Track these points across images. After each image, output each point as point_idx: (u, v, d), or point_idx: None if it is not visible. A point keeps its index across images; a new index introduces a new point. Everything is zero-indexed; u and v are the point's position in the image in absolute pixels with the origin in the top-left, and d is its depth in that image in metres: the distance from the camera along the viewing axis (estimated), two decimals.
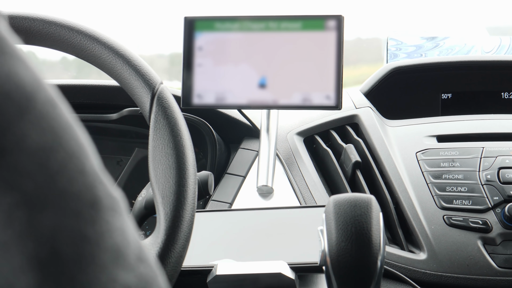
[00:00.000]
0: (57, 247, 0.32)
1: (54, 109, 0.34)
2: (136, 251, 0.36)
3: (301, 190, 1.11)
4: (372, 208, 0.70)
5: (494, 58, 1.34)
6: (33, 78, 0.34)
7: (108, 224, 0.34)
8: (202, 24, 1.13)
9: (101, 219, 0.34)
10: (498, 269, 0.98)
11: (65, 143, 0.34)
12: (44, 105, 0.34)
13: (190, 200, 0.69)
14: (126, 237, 0.35)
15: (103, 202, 0.35)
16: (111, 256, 0.34)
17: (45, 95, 0.34)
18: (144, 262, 0.36)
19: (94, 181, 0.35)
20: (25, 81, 0.33)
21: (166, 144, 0.71)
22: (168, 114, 0.74)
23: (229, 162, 1.20)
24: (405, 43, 1.59)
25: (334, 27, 1.09)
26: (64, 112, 0.35)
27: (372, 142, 1.14)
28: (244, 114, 1.21)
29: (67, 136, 0.34)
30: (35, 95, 0.33)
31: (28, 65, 0.34)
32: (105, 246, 0.34)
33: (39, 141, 0.33)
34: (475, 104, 1.32)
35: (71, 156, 0.34)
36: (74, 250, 0.33)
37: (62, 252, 0.32)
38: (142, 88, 0.76)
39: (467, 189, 1.03)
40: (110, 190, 0.36)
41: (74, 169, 0.34)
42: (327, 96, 1.10)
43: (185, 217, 0.68)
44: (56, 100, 0.35)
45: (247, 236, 0.94)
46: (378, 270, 0.69)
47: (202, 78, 1.12)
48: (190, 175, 0.70)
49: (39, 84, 0.34)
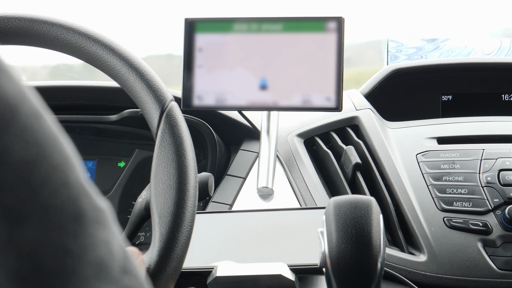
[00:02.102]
0: (38, 262, 0.32)
1: (39, 121, 0.34)
2: (121, 262, 0.35)
3: (301, 192, 1.11)
4: (372, 210, 0.70)
5: (494, 60, 1.34)
6: (17, 90, 0.33)
7: (91, 237, 0.34)
8: (202, 25, 1.13)
9: (84, 232, 0.34)
10: (498, 271, 0.98)
11: (49, 156, 0.33)
12: (28, 117, 0.33)
13: (187, 222, 0.69)
14: (110, 249, 0.35)
15: (87, 215, 0.34)
16: (94, 270, 0.33)
17: (29, 107, 0.33)
18: (128, 274, 0.36)
19: (78, 193, 0.34)
20: (9, 93, 0.33)
21: (170, 163, 0.71)
22: (174, 133, 0.73)
23: (229, 163, 1.20)
24: (405, 45, 1.59)
25: (334, 29, 1.09)
26: (48, 123, 0.34)
27: (373, 143, 1.14)
28: (244, 115, 1.21)
29: (51, 149, 0.34)
30: (19, 107, 0.33)
31: (12, 77, 0.33)
32: (87, 260, 0.33)
33: (23, 154, 0.32)
34: (475, 106, 1.32)
35: (55, 168, 0.33)
36: (56, 264, 0.32)
37: (44, 266, 0.32)
38: (152, 104, 0.75)
39: (468, 191, 1.03)
40: (95, 201, 0.35)
41: (58, 182, 0.33)
42: (328, 98, 1.10)
43: (180, 240, 0.68)
44: (41, 111, 0.34)
45: (247, 238, 0.93)
46: (378, 272, 0.69)
47: (202, 79, 1.12)
48: (190, 197, 0.70)
49: (23, 96, 0.33)
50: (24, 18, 0.78)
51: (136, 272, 0.37)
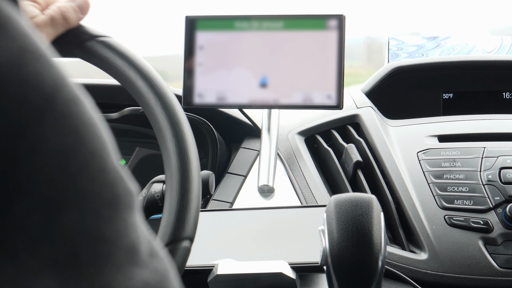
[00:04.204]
0: (76, 249, 0.32)
1: (77, 107, 0.33)
2: (148, 246, 0.36)
3: (302, 190, 1.11)
4: (373, 208, 0.70)
5: (495, 58, 1.34)
6: (55, 77, 0.33)
7: (124, 222, 0.34)
8: (203, 23, 1.13)
9: (118, 217, 0.34)
10: (499, 269, 0.98)
11: (87, 142, 0.33)
12: (66, 104, 0.33)
13: (194, 192, 0.68)
14: (138, 234, 0.35)
15: (121, 200, 0.34)
16: (126, 254, 0.34)
17: (67, 93, 0.33)
18: (156, 256, 0.36)
19: (114, 178, 0.34)
20: (46, 81, 0.32)
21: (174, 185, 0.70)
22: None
23: (230, 161, 1.20)
24: (406, 42, 1.59)
25: (335, 27, 1.09)
26: (87, 109, 0.34)
27: (373, 141, 1.14)
28: (245, 113, 1.21)
29: (89, 135, 0.34)
30: (56, 95, 0.32)
31: (50, 63, 0.33)
32: (121, 245, 0.34)
33: (59, 143, 0.32)
34: (476, 104, 1.32)
35: (93, 155, 0.33)
36: (93, 250, 0.33)
37: (81, 253, 0.32)
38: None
39: (468, 189, 1.03)
40: (128, 185, 0.35)
41: (96, 168, 0.33)
42: (328, 96, 1.10)
43: (191, 208, 0.68)
44: (79, 96, 0.34)
45: (248, 236, 0.93)
46: (379, 270, 0.69)
47: (203, 77, 1.12)
48: (194, 178, 0.69)
49: (61, 82, 0.33)
50: None
51: (162, 254, 0.37)
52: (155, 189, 0.86)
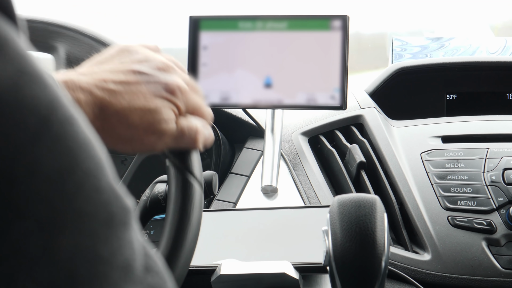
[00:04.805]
0: (73, 270, 0.32)
1: (72, 127, 0.33)
2: (143, 261, 0.36)
3: (305, 190, 1.11)
4: (377, 208, 0.70)
5: (499, 59, 1.34)
6: (51, 98, 0.33)
7: (119, 240, 0.34)
8: (207, 23, 1.13)
9: (113, 236, 0.34)
10: (502, 270, 0.98)
11: (81, 163, 0.33)
12: (61, 124, 0.33)
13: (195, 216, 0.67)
14: (134, 250, 0.35)
15: (116, 218, 0.34)
16: (121, 272, 0.34)
17: (62, 114, 0.33)
18: (151, 272, 0.36)
19: (109, 197, 0.34)
20: (42, 103, 0.32)
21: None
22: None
23: (234, 161, 1.20)
24: (410, 43, 1.59)
25: (339, 27, 1.09)
26: (81, 128, 0.34)
27: (377, 142, 1.14)
28: (248, 113, 1.21)
29: (83, 155, 0.34)
30: (51, 116, 0.32)
31: (46, 84, 0.33)
32: (116, 264, 0.34)
33: (55, 164, 0.32)
34: (480, 105, 1.32)
35: (88, 175, 0.33)
36: (89, 271, 0.33)
37: (78, 274, 0.32)
38: None
39: (472, 190, 1.03)
40: (124, 202, 0.35)
41: (90, 188, 0.33)
42: (332, 96, 1.10)
43: (189, 229, 0.67)
44: (74, 116, 0.34)
45: (251, 236, 0.94)
46: (382, 270, 0.69)
47: (207, 77, 1.12)
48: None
49: (56, 103, 0.33)
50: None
51: (158, 268, 0.37)
52: (159, 189, 0.86)
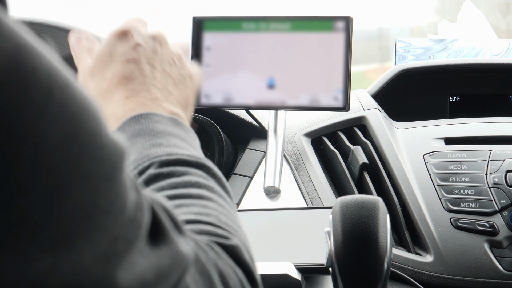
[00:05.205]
0: (72, 226, 0.33)
1: (71, 91, 0.34)
2: (134, 198, 0.38)
3: (308, 191, 1.11)
4: (379, 210, 0.70)
5: (502, 61, 1.34)
6: (49, 66, 0.33)
7: (116, 188, 0.36)
8: (210, 24, 1.13)
9: (112, 186, 0.35)
10: (504, 272, 0.97)
11: (84, 124, 0.34)
12: (62, 92, 0.33)
13: None
14: (126, 191, 0.37)
15: (115, 167, 0.36)
16: (115, 217, 0.35)
17: (60, 79, 0.33)
18: (140, 210, 0.38)
19: (109, 149, 0.35)
20: (42, 74, 0.32)
21: None
22: None
23: (236, 162, 1.20)
24: (413, 45, 1.59)
25: (342, 28, 1.09)
26: (79, 89, 0.35)
27: (380, 144, 1.14)
28: (251, 114, 1.21)
29: (85, 116, 0.34)
30: (52, 85, 0.33)
31: (41, 52, 0.33)
32: (112, 211, 0.35)
33: (60, 132, 0.32)
34: (483, 107, 1.31)
35: (91, 135, 0.34)
36: (86, 224, 0.34)
37: (76, 229, 0.33)
38: None
39: (475, 192, 1.03)
40: (120, 146, 0.37)
41: (94, 147, 0.34)
42: (335, 98, 1.10)
43: None
44: (70, 79, 0.34)
45: (254, 237, 0.94)
46: (384, 272, 0.69)
47: (210, 78, 1.12)
48: None
49: (53, 70, 0.33)
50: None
51: (144, 204, 0.39)
52: None
